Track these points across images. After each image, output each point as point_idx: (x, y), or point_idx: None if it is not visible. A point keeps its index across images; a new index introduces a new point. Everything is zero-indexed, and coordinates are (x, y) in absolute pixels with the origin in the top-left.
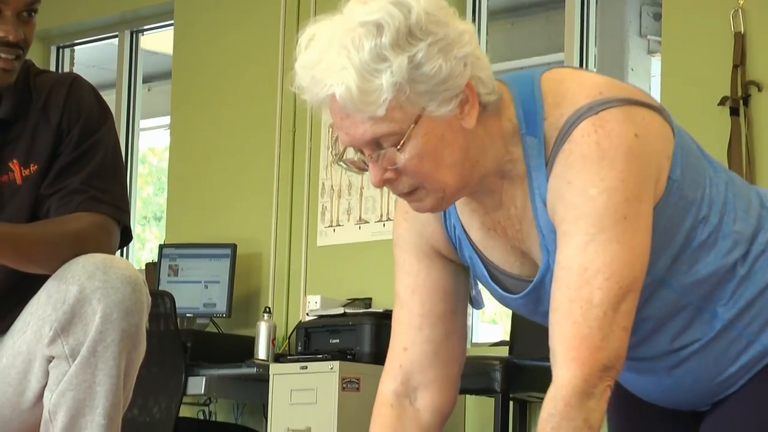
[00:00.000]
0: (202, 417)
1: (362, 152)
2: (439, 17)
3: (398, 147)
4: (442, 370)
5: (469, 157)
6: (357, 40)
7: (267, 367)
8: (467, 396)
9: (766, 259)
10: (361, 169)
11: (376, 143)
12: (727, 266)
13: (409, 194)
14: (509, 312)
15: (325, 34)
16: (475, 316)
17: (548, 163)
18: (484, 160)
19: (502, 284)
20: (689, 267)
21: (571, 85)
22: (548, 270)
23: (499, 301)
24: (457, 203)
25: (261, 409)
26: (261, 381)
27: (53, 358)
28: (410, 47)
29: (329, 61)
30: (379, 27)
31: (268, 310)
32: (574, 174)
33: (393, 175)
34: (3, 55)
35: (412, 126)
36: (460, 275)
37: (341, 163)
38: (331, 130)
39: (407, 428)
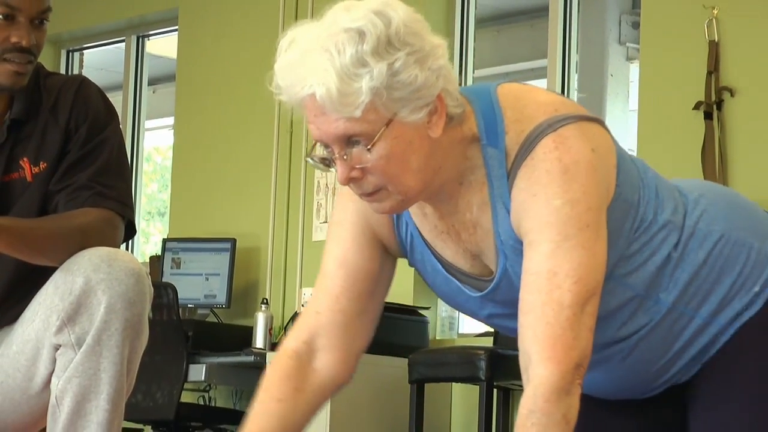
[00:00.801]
0: (202, 402)
1: (331, 150)
2: (416, 29)
3: (368, 147)
4: (347, 342)
5: (432, 164)
6: (340, 45)
7: (264, 356)
8: (454, 384)
9: (694, 241)
10: (326, 166)
11: (347, 141)
12: (664, 255)
13: (371, 194)
14: None
15: (307, 38)
16: None
17: (510, 175)
18: (446, 166)
19: (460, 279)
20: (632, 261)
21: (528, 102)
22: (504, 273)
23: (447, 301)
24: (412, 207)
25: None
26: (258, 368)
27: (60, 346)
28: (389, 55)
29: (312, 63)
30: (361, 34)
31: (265, 301)
32: (539, 188)
33: (359, 174)
34: (17, 60)
35: (384, 128)
36: (387, 263)
37: (309, 159)
38: None
39: (302, 378)
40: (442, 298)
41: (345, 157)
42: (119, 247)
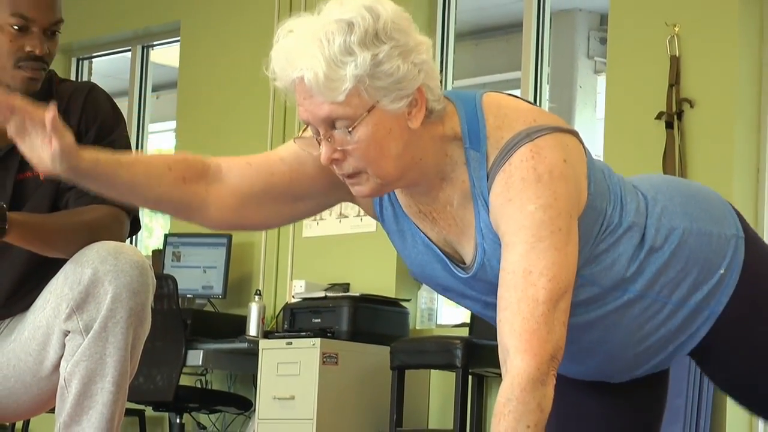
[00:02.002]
0: (199, 385)
1: (317, 132)
2: (403, 27)
3: (349, 129)
4: (244, 191)
5: (411, 153)
6: (330, 34)
7: (257, 343)
8: (432, 371)
9: (659, 236)
10: (314, 149)
11: (330, 123)
12: (629, 253)
13: (351, 176)
14: None
15: (302, 27)
16: (440, 300)
17: (489, 176)
18: (425, 158)
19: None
20: (599, 261)
21: (509, 111)
22: (481, 266)
23: (417, 266)
24: (398, 192)
25: (251, 379)
26: (251, 355)
27: (69, 332)
28: (375, 47)
29: (303, 49)
30: (350, 25)
31: (258, 292)
32: (514, 193)
33: (340, 156)
34: (30, 67)
35: (365, 114)
36: (323, 198)
37: (297, 140)
38: None
39: (189, 176)
40: (413, 267)
41: (329, 138)
42: (125, 242)
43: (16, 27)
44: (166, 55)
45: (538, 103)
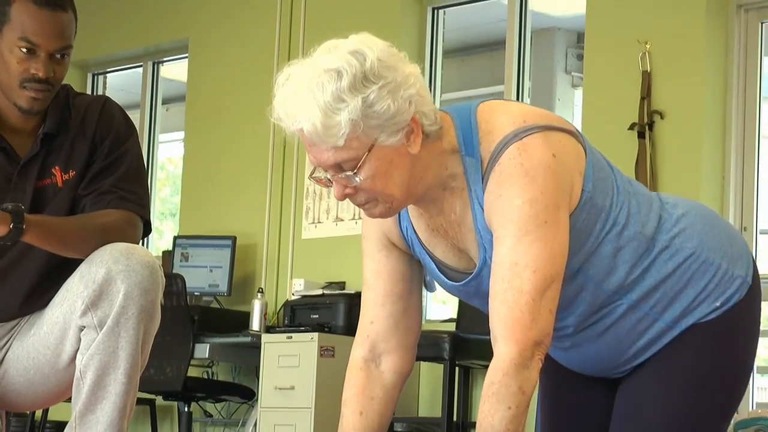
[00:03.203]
0: (206, 376)
1: (327, 173)
2: (390, 63)
3: (354, 171)
4: (402, 339)
5: (414, 175)
6: (321, 84)
7: (259, 337)
8: (421, 363)
9: (666, 253)
10: (326, 185)
11: (337, 166)
12: (633, 261)
13: (364, 204)
14: None
15: (297, 76)
16: (428, 297)
17: (484, 179)
18: (427, 176)
19: (447, 274)
20: (601, 261)
21: (500, 116)
22: (485, 264)
23: (443, 287)
24: (409, 209)
25: (254, 370)
26: (254, 348)
27: (84, 327)
28: (364, 89)
29: (299, 101)
30: (339, 73)
31: (261, 290)
32: (503, 189)
33: (351, 191)
34: (34, 88)
35: (366, 153)
36: (413, 263)
37: (310, 179)
38: None
39: (373, 387)
40: (443, 288)
41: (338, 178)
42: (138, 243)
43: (24, 50)
44: (175, 71)
45: None
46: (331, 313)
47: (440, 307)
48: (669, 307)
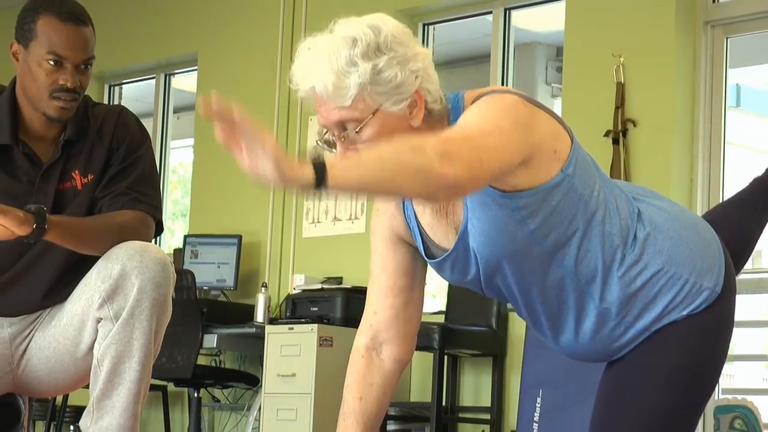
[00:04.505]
0: (214, 365)
1: (332, 133)
2: (402, 40)
3: (357, 130)
4: (402, 329)
5: None
6: (337, 49)
7: (263, 328)
8: None
9: (635, 269)
10: (332, 146)
11: (342, 126)
12: (606, 264)
13: None
14: (446, 289)
15: (316, 45)
16: None
17: None
18: None
19: (435, 254)
20: (576, 252)
21: (483, 90)
22: (465, 230)
23: (438, 272)
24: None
25: (258, 359)
26: (259, 338)
27: (101, 319)
28: (376, 58)
29: (315, 64)
30: (354, 41)
31: (264, 285)
32: (470, 109)
33: (354, 152)
34: (63, 97)
35: (370, 116)
36: (417, 258)
37: (318, 142)
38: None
39: (374, 374)
40: (436, 269)
41: (342, 138)
42: (151, 242)
43: (51, 63)
44: (185, 82)
45: None
46: (329, 306)
47: (431, 300)
48: (640, 317)
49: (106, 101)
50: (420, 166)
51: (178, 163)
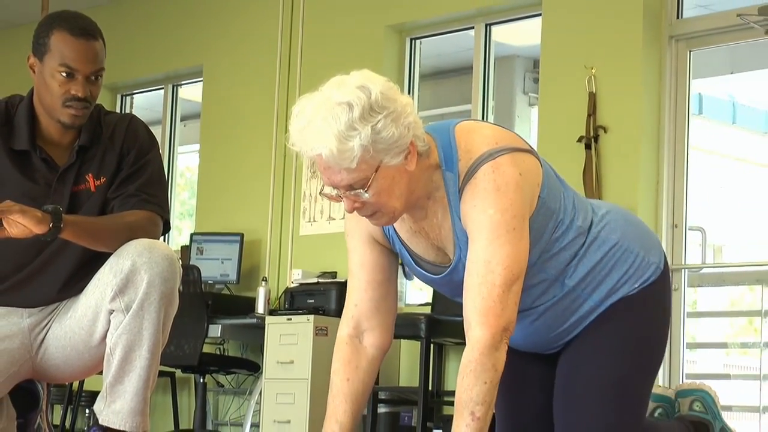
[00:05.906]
0: (218, 353)
1: (339, 190)
2: (390, 95)
3: (365, 189)
4: (381, 319)
5: (410, 188)
6: (336, 115)
7: (264, 319)
8: (401, 340)
9: (596, 244)
10: (336, 200)
11: (349, 186)
12: (573, 251)
13: (371, 216)
14: None
15: (311, 108)
16: (407, 285)
17: (461, 191)
18: (418, 188)
19: (424, 267)
20: (550, 253)
21: (476, 137)
22: (460, 260)
23: (420, 278)
24: None
25: (259, 347)
26: (259, 328)
27: (113, 311)
28: (372, 118)
29: (316, 130)
30: (350, 105)
31: (265, 279)
32: (478, 201)
33: (360, 205)
34: (75, 106)
35: (374, 173)
36: (391, 256)
37: (322, 195)
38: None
39: (359, 358)
40: (421, 280)
41: (348, 195)
42: (159, 239)
43: (64, 74)
44: (191, 92)
45: None
46: (325, 298)
47: (417, 293)
48: (596, 289)
49: (118, 110)
50: (498, 365)
51: (185, 167)
